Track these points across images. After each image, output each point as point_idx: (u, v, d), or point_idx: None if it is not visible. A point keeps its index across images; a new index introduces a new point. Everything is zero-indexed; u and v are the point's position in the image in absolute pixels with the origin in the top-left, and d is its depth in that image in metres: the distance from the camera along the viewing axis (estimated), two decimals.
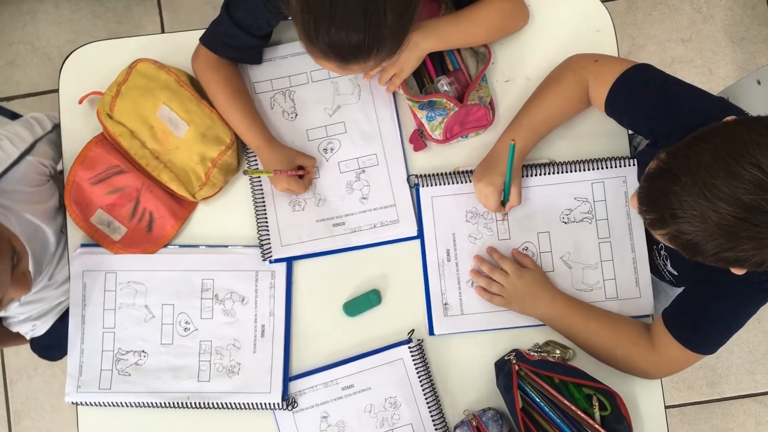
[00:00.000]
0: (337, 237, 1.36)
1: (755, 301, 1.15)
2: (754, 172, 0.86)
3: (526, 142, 1.28)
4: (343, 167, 1.38)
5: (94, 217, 1.37)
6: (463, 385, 1.34)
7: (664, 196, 0.94)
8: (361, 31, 1.05)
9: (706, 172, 0.90)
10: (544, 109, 1.29)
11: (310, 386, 1.33)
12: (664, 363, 1.24)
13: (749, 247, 0.90)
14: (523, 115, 1.30)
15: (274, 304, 1.34)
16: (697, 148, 0.93)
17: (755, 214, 0.87)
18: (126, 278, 1.36)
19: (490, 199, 1.29)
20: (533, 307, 1.31)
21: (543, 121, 1.29)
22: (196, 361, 1.34)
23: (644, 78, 1.22)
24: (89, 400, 1.34)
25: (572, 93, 1.28)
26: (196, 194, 1.35)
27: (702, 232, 0.91)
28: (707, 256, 0.94)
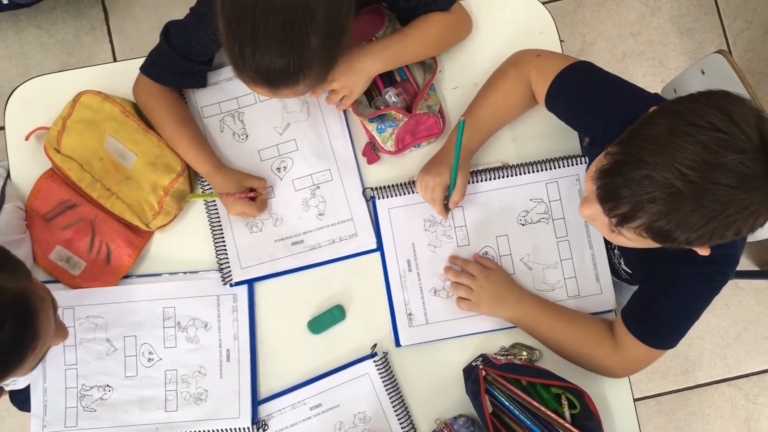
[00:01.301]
0: (297, 255, 1.36)
1: (707, 291, 1.16)
2: (715, 134, 0.87)
3: (473, 139, 1.29)
4: (298, 185, 1.37)
5: (53, 254, 1.35)
6: (433, 395, 1.34)
7: (634, 184, 0.92)
8: (285, 56, 1.05)
9: (670, 147, 0.89)
10: (489, 105, 1.30)
11: (278, 409, 1.32)
12: (628, 362, 1.25)
13: (733, 211, 0.89)
14: (469, 113, 1.31)
15: (238, 327, 1.33)
16: (648, 131, 0.93)
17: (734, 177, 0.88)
18: (84, 313, 1.34)
19: (435, 190, 1.28)
20: (501, 308, 1.31)
21: (488, 116, 1.30)
22: (162, 391, 1.32)
23: (583, 75, 1.23)
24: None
25: (515, 88, 1.29)
26: (150, 223, 1.34)
27: (681, 209, 0.90)
28: (680, 242, 0.94)
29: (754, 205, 0.90)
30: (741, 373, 2.30)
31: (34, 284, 1.04)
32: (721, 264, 1.13)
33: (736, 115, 0.89)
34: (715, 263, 1.11)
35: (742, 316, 2.31)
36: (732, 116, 0.89)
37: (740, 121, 0.88)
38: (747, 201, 0.89)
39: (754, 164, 0.88)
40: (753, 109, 0.91)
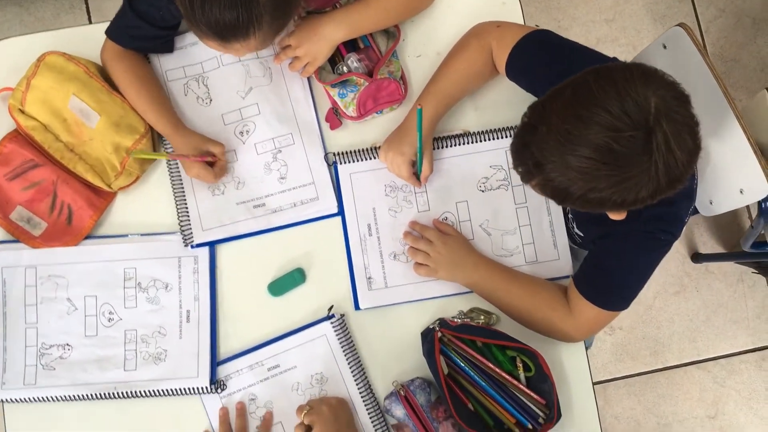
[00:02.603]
0: (258, 218, 1.37)
1: (654, 250, 1.18)
2: (602, 114, 0.91)
3: (436, 109, 1.31)
4: (260, 149, 1.38)
5: (14, 214, 1.36)
6: (390, 358, 1.35)
7: (527, 148, 0.99)
8: (234, 9, 1.06)
9: (559, 120, 0.94)
10: (451, 75, 1.32)
11: (236, 370, 1.33)
12: (581, 324, 1.27)
13: (607, 185, 0.94)
14: (431, 84, 1.33)
15: (199, 288, 1.34)
16: (551, 100, 0.98)
17: (606, 154, 0.91)
18: (46, 272, 1.35)
19: (401, 168, 1.31)
20: (458, 273, 1.32)
21: (450, 87, 1.32)
22: (121, 350, 1.33)
23: (541, 42, 1.25)
24: (14, 396, 1.32)
25: (476, 58, 1.31)
26: (112, 184, 1.35)
27: (564, 177, 0.96)
28: (575, 201, 0.99)
29: (630, 181, 0.93)
30: (710, 356, 2.32)
31: None
32: (665, 222, 1.15)
33: (626, 92, 0.91)
34: (658, 221, 1.14)
35: (711, 300, 2.34)
36: (621, 93, 0.91)
37: (627, 100, 0.90)
38: (619, 177, 0.93)
39: (631, 143, 0.91)
40: (660, 83, 0.93)
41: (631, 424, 2.29)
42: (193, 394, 1.32)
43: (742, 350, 2.33)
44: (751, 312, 2.33)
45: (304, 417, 1.23)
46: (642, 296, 2.24)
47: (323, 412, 1.24)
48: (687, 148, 0.93)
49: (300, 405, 1.26)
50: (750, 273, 2.31)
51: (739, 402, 2.30)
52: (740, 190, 1.45)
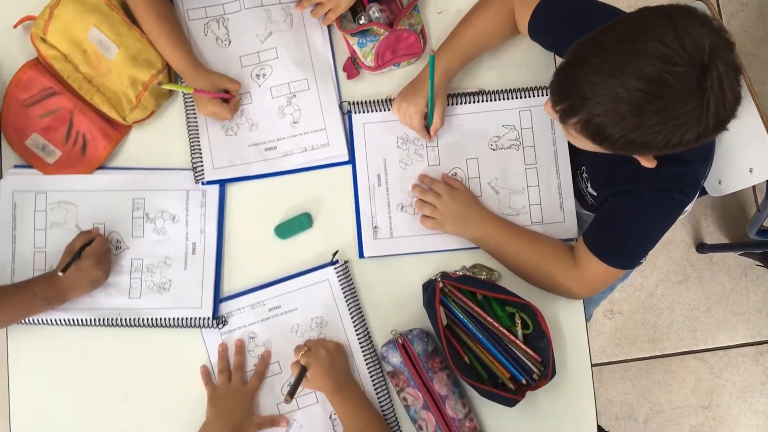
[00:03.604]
0: (269, 161, 1.38)
1: (668, 211, 1.18)
2: (657, 46, 0.90)
3: (452, 63, 1.31)
4: (275, 92, 1.39)
5: (29, 141, 1.37)
6: (391, 307, 1.36)
7: (574, 82, 0.97)
8: None
9: (612, 52, 0.93)
10: (470, 31, 1.32)
11: (238, 308, 1.34)
12: (587, 280, 1.27)
13: (654, 122, 0.93)
14: (450, 38, 1.34)
15: (205, 222, 1.35)
16: (604, 34, 0.96)
17: (660, 87, 0.90)
18: (57, 198, 1.36)
19: (413, 119, 1.32)
20: (465, 227, 1.33)
21: (469, 43, 1.32)
22: (127, 278, 1.34)
23: (564, 2, 1.25)
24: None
25: (497, 16, 1.31)
26: (127, 117, 1.36)
27: (611, 112, 0.94)
28: (615, 141, 0.97)
29: (679, 119, 0.92)
30: (708, 346, 2.33)
31: None
32: (681, 182, 1.15)
33: (683, 29, 0.90)
34: (674, 180, 1.14)
35: (713, 291, 2.34)
36: (678, 29, 0.90)
37: (684, 36, 0.90)
38: (669, 114, 0.92)
39: (686, 78, 0.90)
40: (711, 27, 0.93)
41: (624, 408, 2.30)
42: (195, 326, 1.33)
43: (740, 343, 2.33)
44: (752, 306, 2.33)
45: (301, 357, 1.25)
46: (644, 283, 2.26)
47: (320, 354, 1.25)
48: (735, 92, 0.92)
49: (298, 345, 1.28)
50: (754, 266, 2.31)
51: (733, 394, 2.31)
52: (750, 169, 1.46)
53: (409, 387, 1.29)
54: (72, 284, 1.27)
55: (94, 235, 1.32)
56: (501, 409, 1.29)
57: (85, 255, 1.28)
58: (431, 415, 1.27)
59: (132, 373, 1.35)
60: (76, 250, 1.28)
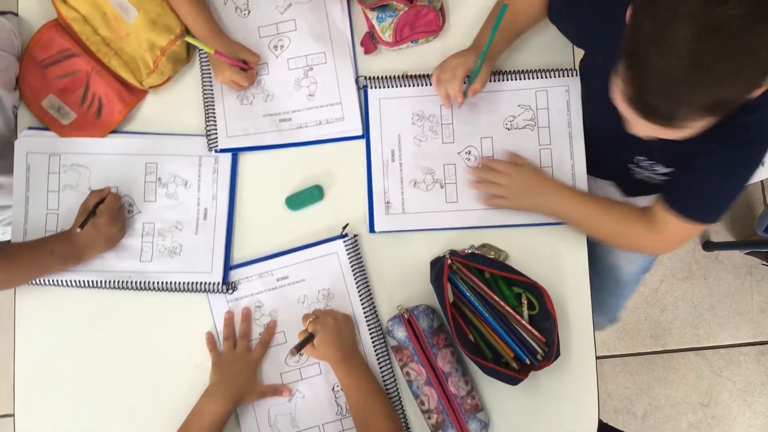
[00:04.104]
0: (283, 132, 1.38)
1: (746, 162, 1.14)
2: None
3: (498, 44, 1.30)
4: (292, 64, 1.39)
5: (45, 102, 1.38)
6: (398, 283, 1.36)
7: (661, 91, 0.90)
8: None
9: (664, 31, 0.86)
10: (512, 10, 1.28)
11: (246, 276, 1.35)
12: (667, 239, 1.26)
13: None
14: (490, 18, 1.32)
15: (217, 188, 1.36)
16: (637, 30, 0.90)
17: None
18: (70, 161, 1.37)
19: (457, 70, 1.28)
20: (539, 199, 1.33)
21: (512, 21, 1.30)
22: (138, 241, 1.35)
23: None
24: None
25: None
26: (144, 81, 1.36)
27: (710, 67, 0.86)
28: (728, 97, 0.91)
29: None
30: (710, 344, 2.33)
31: None
32: (754, 131, 1.10)
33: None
34: (748, 130, 1.09)
35: (718, 289, 2.34)
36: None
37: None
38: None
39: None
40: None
41: (623, 402, 2.30)
42: (205, 291, 1.34)
43: (742, 342, 2.33)
44: (756, 305, 2.33)
45: (309, 324, 1.25)
46: (649, 278, 2.26)
47: (328, 323, 1.26)
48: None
49: (306, 313, 1.28)
50: (760, 266, 2.31)
51: (733, 393, 2.31)
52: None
53: (412, 362, 1.29)
54: (88, 242, 1.28)
55: (106, 193, 1.33)
56: (503, 389, 1.30)
57: (99, 212, 1.28)
58: (433, 391, 1.28)
59: (137, 337, 1.36)
60: (91, 208, 1.29)
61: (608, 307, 1.69)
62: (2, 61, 1.32)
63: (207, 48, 1.30)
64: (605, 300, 1.66)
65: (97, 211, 1.28)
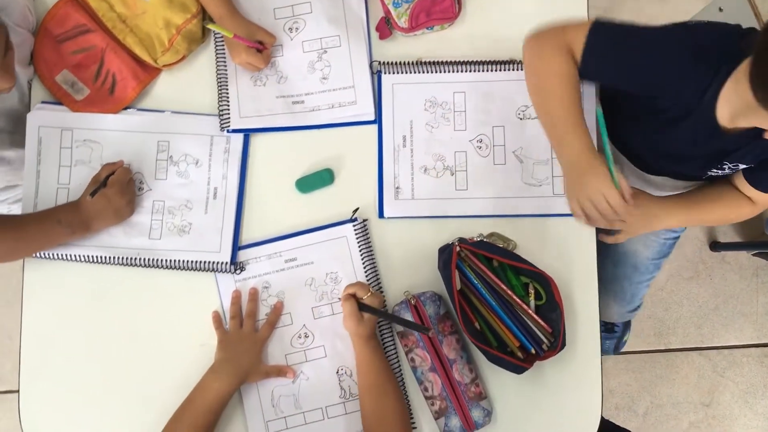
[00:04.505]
0: (295, 114, 1.38)
1: None
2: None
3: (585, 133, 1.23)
4: (307, 47, 1.39)
5: (59, 77, 1.38)
6: (405, 269, 1.36)
7: None
8: None
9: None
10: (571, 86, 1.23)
11: (255, 257, 1.35)
12: (761, 207, 1.35)
13: None
14: (567, 114, 1.23)
15: (228, 168, 1.36)
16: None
17: None
18: (82, 136, 1.37)
19: (610, 191, 1.18)
20: (657, 224, 1.41)
21: (576, 99, 1.24)
22: (148, 219, 1.35)
23: (609, 43, 1.20)
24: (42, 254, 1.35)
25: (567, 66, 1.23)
26: (159, 60, 1.36)
27: None
28: None
29: None
30: (713, 344, 2.32)
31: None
32: None
33: None
34: None
35: (723, 289, 2.33)
36: None
37: None
38: None
39: None
40: None
41: (624, 399, 2.30)
42: (213, 270, 1.34)
43: (746, 344, 2.32)
44: (761, 307, 2.33)
45: (367, 297, 1.25)
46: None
47: (380, 300, 1.29)
48: None
49: (361, 282, 1.29)
50: (766, 268, 2.31)
51: (735, 394, 2.31)
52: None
53: (417, 348, 1.29)
54: (96, 212, 1.28)
55: (118, 166, 1.33)
56: (507, 378, 1.30)
57: (109, 183, 1.28)
58: (438, 378, 1.28)
59: (143, 314, 1.36)
60: (102, 179, 1.29)
61: (630, 294, 1.69)
62: (17, 35, 1.32)
63: (226, 32, 1.30)
64: (625, 287, 1.67)
65: (107, 183, 1.28)
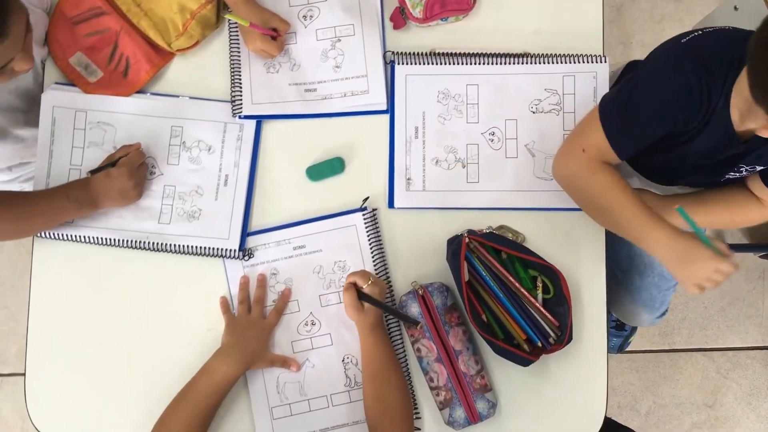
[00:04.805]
0: (308, 102, 1.38)
1: None
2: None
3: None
4: (320, 35, 1.39)
5: (73, 59, 1.38)
6: (414, 260, 1.37)
7: None
8: None
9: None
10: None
11: (264, 243, 1.35)
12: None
13: None
14: (626, 226, 1.20)
15: (240, 155, 1.36)
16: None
17: None
18: (96, 118, 1.37)
19: (720, 265, 1.11)
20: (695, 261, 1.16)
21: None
22: (158, 203, 1.35)
23: (616, 116, 1.19)
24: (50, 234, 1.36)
25: (614, 180, 1.21)
26: (172, 44, 1.37)
27: None
28: None
29: None
30: (718, 346, 2.32)
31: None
32: None
33: None
34: None
35: (729, 291, 2.32)
36: None
37: None
38: None
39: None
40: None
41: (627, 398, 2.30)
42: (221, 256, 1.34)
43: (751, 346, 2.32)
44: (766, 310, 2.32)
45: (367, 287, 1.25)
46: None
47: (380, 289, 1.28)
48: None
49: (364, 270, 1.30)
50: None
51: (738, 396, 2.30)
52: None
53: (424, 338, 1.29)
54: (102, 190, 1.29)
55: (134, 149, 1.33)
56: (512, 371, 1.30)
57: (119, 164, 1.29)
58: (443, 368, 1.28)
59: (151, 298, 1.37)
60: (115, 158, 1.29)
61: (659, 302, 1.67)
62: (33, 15, 1.32)
63: (243, 21, 1.30)
64: (654, 295, 1.65)
65: (118, 163, 1.29)
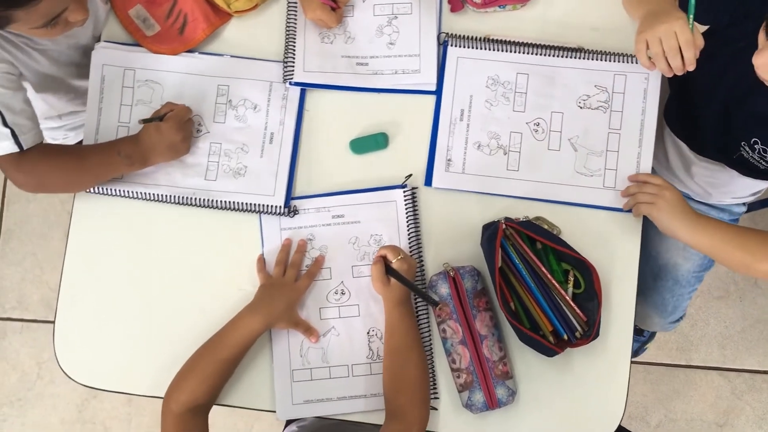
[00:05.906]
0: (358, 75, 1.39)
1: None
2: None
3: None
4: (378, 10, 1.41)
5: (133, 11, 1.40)
6: (447, 242, 1.37)
7: None
8: None
9: None
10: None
11: (304, 208, 1.36)
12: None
13: None
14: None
15: (285, 114, 1.38)
16: None
17: None
18: (144, 76, 1.39)
19: (682, 29, 1.16)
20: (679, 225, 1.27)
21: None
22: (205, 160, 1.37)
23: None
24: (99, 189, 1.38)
25: None
26: (232, 5, 1.38)
27: None
28: None
29: None
30: (735, 366, 2.30)
31: None
32: None
33: None
34: None
35: (752, 313, 2.31)
36: None
37: None
38: None
39: None
40: None
41: (638, 409, 2.29)
42: (267, 212, 1.36)
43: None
44: None
45: (396, 262, 1.27)
46: None
47: (409, 265, 1.29)
48: None
49: (395, 246, 1.31)
50: None
51: (751, 418, 2.29)
52: None
53: (450, 320, 1.30)
54: (152, 145, 1.30)
55: (180, 106, 1.35)
56: (535, 361, 1.31)
57: (166, 118, 1.31)
58: (467, 351, 1.29)
59: (185, 254, 1.38)
60: (162, 113, 1.31)
61: (672, 306, 1.67)
62: None
63: None
64: (667, 300, 1.65)
65: (165, 117, 1.30)
